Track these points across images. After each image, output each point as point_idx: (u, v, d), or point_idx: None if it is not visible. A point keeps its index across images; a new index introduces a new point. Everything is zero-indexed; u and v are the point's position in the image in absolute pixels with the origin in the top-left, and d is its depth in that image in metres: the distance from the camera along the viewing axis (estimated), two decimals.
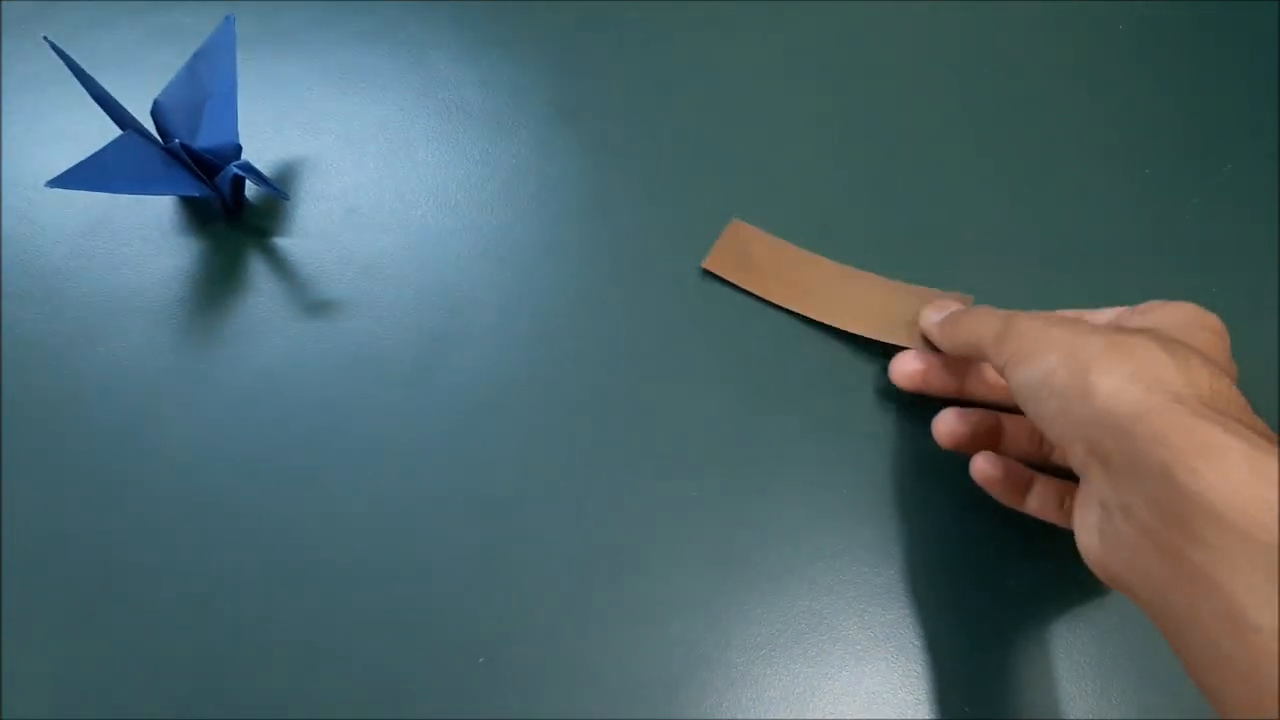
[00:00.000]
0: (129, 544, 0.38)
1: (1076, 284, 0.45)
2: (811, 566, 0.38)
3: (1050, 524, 0.37)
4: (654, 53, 0.52)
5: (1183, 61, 0.53)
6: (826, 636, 0.37)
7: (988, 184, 0.48)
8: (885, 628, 0.37)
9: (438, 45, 0.52)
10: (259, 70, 0.50)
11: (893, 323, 0.43)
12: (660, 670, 0.36)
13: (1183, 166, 0.49)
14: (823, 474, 0.40)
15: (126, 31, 0.52)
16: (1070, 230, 0.47)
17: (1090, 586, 0.38)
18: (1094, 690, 0.36)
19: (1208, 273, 0.46)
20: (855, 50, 0.53)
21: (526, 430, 0.41)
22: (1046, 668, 0.36)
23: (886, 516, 0.39)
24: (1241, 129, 0.51)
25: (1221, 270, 0.46)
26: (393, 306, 0.44)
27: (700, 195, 0.47)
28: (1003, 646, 0.37)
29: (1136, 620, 0.37)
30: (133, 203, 0.46)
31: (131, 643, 0.36)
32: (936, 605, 0.37)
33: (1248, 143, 0.50)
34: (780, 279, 0.44)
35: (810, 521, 0.39)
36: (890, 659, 0.36)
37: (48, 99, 0.50)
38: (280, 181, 0.47)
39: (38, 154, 0.48)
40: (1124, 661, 0.36)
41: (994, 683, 0.36)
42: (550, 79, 0.51)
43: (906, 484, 0.40)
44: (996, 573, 0.38)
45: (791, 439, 0.41)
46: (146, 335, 0.43)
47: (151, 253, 0.45)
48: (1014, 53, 0.53)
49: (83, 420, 0.41)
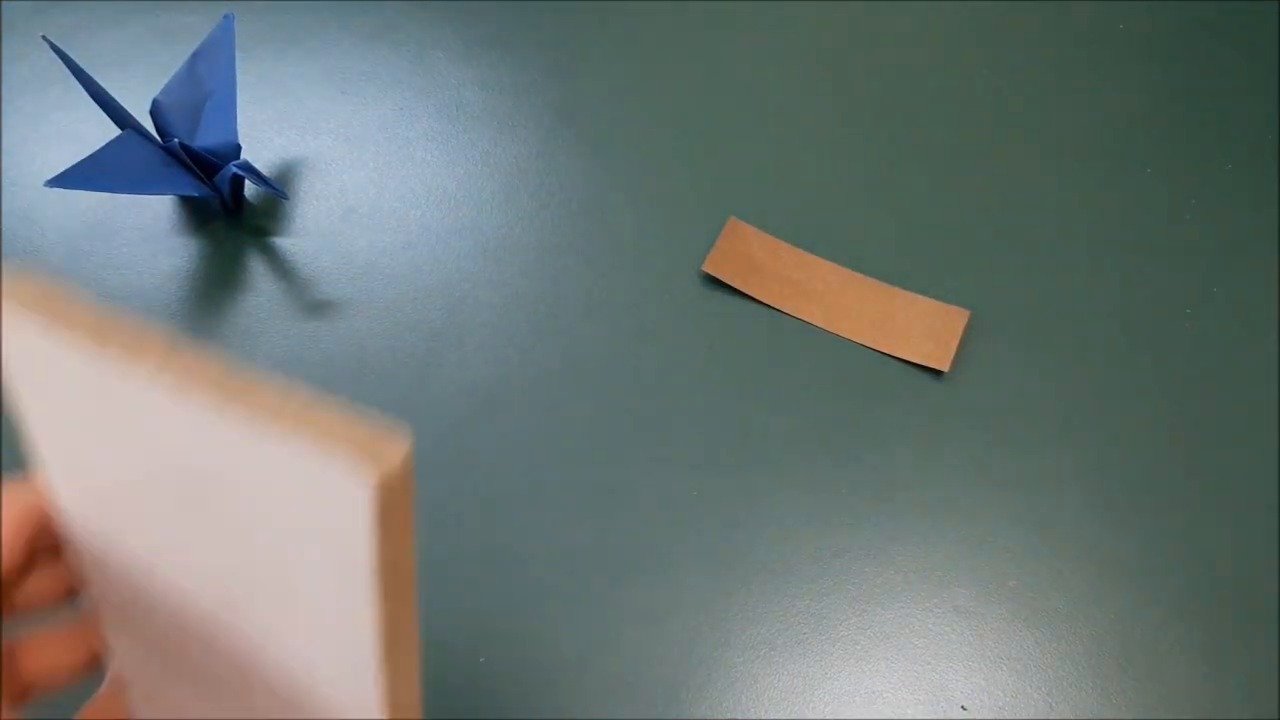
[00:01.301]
0: None
1: (1077, 283, 0.45)
2: (811, 566, 0.38)
3: (1051, 525, 0.37)
4: (654, 53, 0.52)
5: (1183, 61, 0.53)
6: (826, 636, 0.37)
7: (987, 184, 0.48)
8: (885, 627, 0.37)
9: (437, 46, 0.52)
10: (258, 70, 0.50)
11: (891, 334, 0.43)
12: (660, 670, 0.36)
13: (1183, 166, 0.49)
14: (823, 474, 0.40)
15: (126, 31, 0.52)
16: (1070, 230, 0.47)
17: (1090, 586, 0.38)
18: (1094, 691, 0.36)
19: (1208, 273, 0.46)
20: (855, 51, 0.53)
21: (525, 430, 0.41)
22: (1047, 667, 0.36)
23: (886, 517, 0.39)
24: (1241, 129, 0.51)
25: (1221, 270, 0.46)
26: (392, 306, 0.44)
27: (700, 195, 0.47)
28: (1002, 646, 0.37)
29: (1137, 620, 0.37)
30: (132, 202, 0.46)
31: None
32: (936, 605, 0.37)
33: (1248, 143, 0.50)
34: (780, 283, 0.44)
35: (810, 521, 0.39)
36: (890, 659, 0.36)
37: (47, 99, 0.50)
38: (280, 181, 0.47)
39: (38, 154, 0.48)
40: (1124, 661, 0.36)
41: (993, 683, 0.36)
42: (550, 79, 0.51)
43: (906, 484, 0.40)
44: (996, 573, 0.38)
45: (791, 439, 0.41)
46: None
47: (151, 252, 0.45)
48: (1014, 53, 0.53)
49: None
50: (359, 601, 0.17)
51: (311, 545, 0.17)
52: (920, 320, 0.43)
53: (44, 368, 0.18)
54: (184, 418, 0.16)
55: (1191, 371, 0.43)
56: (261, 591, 0.19)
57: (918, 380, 0.42)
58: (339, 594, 0.17)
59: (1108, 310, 0.44)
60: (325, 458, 0.15)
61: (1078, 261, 0.46)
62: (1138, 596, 0.37)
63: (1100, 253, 0.46)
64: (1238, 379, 0.43)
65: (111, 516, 0.20)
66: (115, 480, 0.19)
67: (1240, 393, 0.42)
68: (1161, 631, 0.37)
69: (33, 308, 0.17)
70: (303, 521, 0.16)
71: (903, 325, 0.43)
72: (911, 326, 0.43)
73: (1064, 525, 0.39)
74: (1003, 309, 0.44)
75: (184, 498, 0.18)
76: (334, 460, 0.15)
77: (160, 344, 0.17)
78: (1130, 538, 0.39)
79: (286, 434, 0.15)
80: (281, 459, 0.16)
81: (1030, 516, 0.39)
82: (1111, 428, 0.41)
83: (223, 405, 0.16)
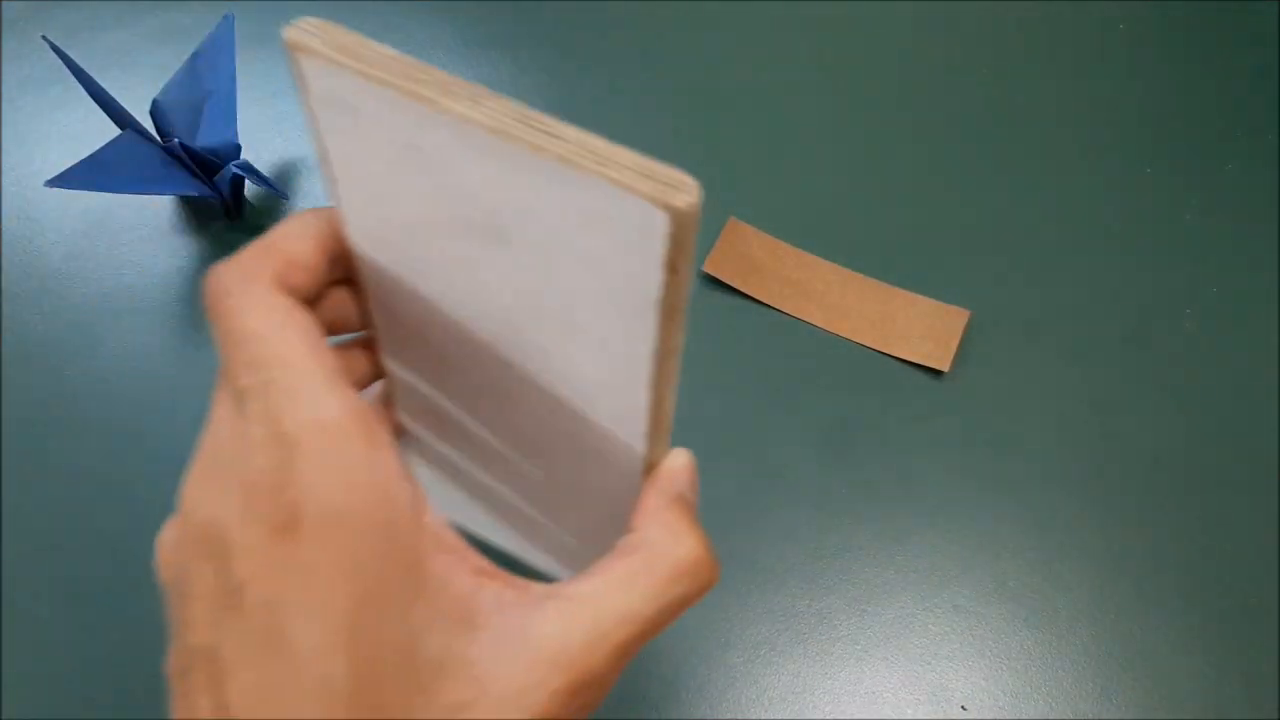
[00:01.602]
0: (127, 542, 0.38)
1: (1077, 284, 0.45)
2: (811, 566, 0.38)
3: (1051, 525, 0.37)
4: (654, 53, 0.52)
5: (1183, 61, 0.53)
6: (826, 636, 0.37)
7: (987, 184, 0.48)
8: (885, 627, 0.37)
9: (438, 45, 0.52)
10: (259, 70, 0.50)
11: (891, 334, 0.43)
12: (660, 670, 0.36)
13: (1183, 166, 0.49)
14: (823, 474, 0.40)
15: (126, 31, 0.52)
16: (1070, 230, 0.47)
17: (1090, 587, 0.38)
18: (1094, 691, 0.36)
19: (1208, 273, 0.46)
20: (855, 51, 0.53)
21: None
22: (1047, 668, 0.36)
23: (886, 516, 0.39)
24: (1241, 129, 0.51)
25: (1221, 270, 0.46)
26: None
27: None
28: (1003, 646, 0.36)
29: (1137, 620, 0.37)
30: (132, 202, 0.46)
31: (131, 643, 0.36)
32: (936, 605, 0.37)
33: (1248, 143, 0.50)
34: (780, 283, 0.44)
35: (810, 521, 0.39)
36: (890, 659, 0.36)
37: (48, 99, 0.50)
38: (280, 181, 0.47)
39: (38, 154, 0.48)
40: (1124, 661, 0.36)
41: (993, 683, 0.36)
42: (549, 79, 0.51)
43: (907, 484, 0.40)
44: (996, 573, 0.38)
45: (791, 439, 0.41)
46: (146, 335, 0.43)
47: (151, 253, 0.45)
48: (1014, 52, 0.53)
49: (83, 419, 0.41)
50: (642, 328, 0.19)
51: (605, 276, 0.18)
52: (920, 320, 0.43)
53: (347, 111, 0.19)
54: (490, 157, 0.17)
55: (1191, 371, 0.43)
56: (549, 318, 0.20)
57: (918, 380, 0.42)
58: (624, 320, 0.19)
59: (1107, 310, 0.44)
60: (627, 195, 0.16)
61: (1077, 261, 0.46)
62: (1138, 597, 0.37)
63: (1100, 253, 0.46)
64: (1238, 379, 0.43)
65: (403, 250, 0.22)
66: (410, 216, 0.21)
67: (1240, 393, 0.42)
68: (1161, 632, 0.37)
69: (339, 52, 0.19)
70: (599, 253, 0.18)
71: (902, 325, 0.43)
72: (911, 326, 0.43)
73: (1064, 525, 0.39)
74: (1003, 309, 0.44)
75: (478, 233, 0.19)
76: (635, 197, 0.16)
77: (468, 87, 0.18)
78: (1130, 538, 0.39)
79: (592, 173, 0.16)
80: (585, 197, 0.17)
81: (1030, 516, 0.39)
82: (1111, 427, 0.41)
83: (529, 145, 0.17)
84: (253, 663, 0.18)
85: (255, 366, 0.20)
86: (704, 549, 0.22)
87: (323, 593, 0.18)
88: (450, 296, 0.22)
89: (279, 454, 0.19)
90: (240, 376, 0.20)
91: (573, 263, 0.19)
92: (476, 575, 0.20)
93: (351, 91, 0.19)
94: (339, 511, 0.19)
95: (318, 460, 0.19)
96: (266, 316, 0.20)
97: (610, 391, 0.21)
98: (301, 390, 0.19)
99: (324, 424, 0.19)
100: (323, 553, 0.18)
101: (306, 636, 0.18)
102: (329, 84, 0.19)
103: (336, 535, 0.18)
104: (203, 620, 0.19)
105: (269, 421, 0.19)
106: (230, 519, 0.19)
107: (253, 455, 0.19)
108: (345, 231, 0.23)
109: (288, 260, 0.21)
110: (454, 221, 0.20)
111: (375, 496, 0.19)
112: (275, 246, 0.21)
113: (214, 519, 0.19)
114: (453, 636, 0.19)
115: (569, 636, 0.20)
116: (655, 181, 0.16)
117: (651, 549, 0.21)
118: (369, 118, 0.19)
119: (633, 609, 0.20)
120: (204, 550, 0.19)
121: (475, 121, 0.17)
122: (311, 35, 0.19)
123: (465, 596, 0.20)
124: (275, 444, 0.19)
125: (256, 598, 0.18)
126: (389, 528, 0.19)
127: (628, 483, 0.24)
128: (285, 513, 0.18)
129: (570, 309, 0.20)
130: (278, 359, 0.20)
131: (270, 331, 0.20)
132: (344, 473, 0.19)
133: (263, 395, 0.19)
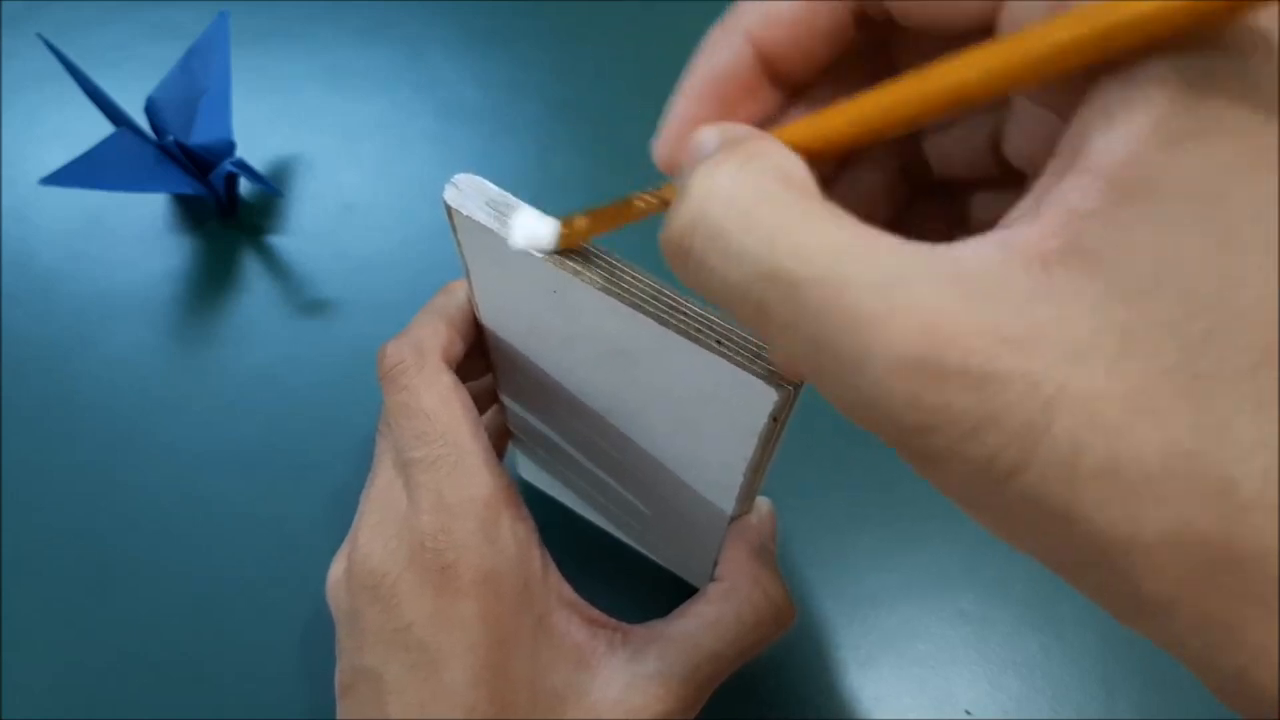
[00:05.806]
0: (124, 542, 0.38)
1: None
2: (812, 569, 0.38)
3: None
4: (655, 52, 0.52)
5: None
6: (829, 641, 0.36)
7: None
8: (888, 631, 0.37)
9: (435, 42, 0.52)
10: (254, 67, 0.50)
11: None
12: None
13: None
14: (823, 475, 0.40)
15: (121, 28, 0.51)
16: None
17: None
18: (1100, 695, 0.35)
19: None
20: None
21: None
22: (1052, 672, 0.36)
23: (889, 519, 0.39)
24: None
25: None
26: (389, 305, 0.43)
27: None
28: (1008, 651, 0.36)
29: None
30: (127, 200, 0.46)
31: (131, 642, 0.36)
32: (941, 609, 0.37)
33: None
34: None
35: (811, 524, 0.39)
36: (894, 663, 0.36)
37: (42, 96, 0.49)
38: (275, 179, 0.47)
39: (32, 152, 0.48)
40: (1130, 664, 0.36)
41: (998, 687, 0.35)
42: (549, 77, 0.51)
43: (908, 487, 0.39)
44: (1002, 577, 0.37)
45: (791, 440, 0.40)
46: (141, 335, 0.42)
47: (146, 251, 0.45)
48: None
49: (78, 419, 0.40)
50: (744, 448, 0.23)
51: (718, 409, 0.22)
52: None
53: (498, 256, 0.22)
54: (624, 318, 0.21)
55: None
56: (661, 414, 0.24)
57: None
58: (730, 439, 0.23)
59: None
60: (742, 372, 0.20)
61: None
62: None
63: None
64: None
65: (531, 338, 0.26)
66: (543, 325, 0.25)
67: None
68: None
69: (490, 208, 0.22)
70: (715, 395, 0.21)
71: None
72: None
73: None
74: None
75: (606, 351, 0.23)
76: (751, 375, 0.20)
77: (604, 260, 0.21)
78: None
79: (714, 352, 0.20)
80: (706, 364, 0.20)
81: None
82: None
83: (657, 319, 0.20)
84: (411, 687, 0.23)
85: (425, 440, 0.24)
86: (783, 597, 0.26)
87: (472, 638, 0.23)
88: (572, 375, 0.26)
89: (442, 520, 0.23)
90: (411, 447, 0.24)
91: (691, 392, 0.22)
92: (590, 624, 0.25)
93: (503, 245, 0.22)
94: (486, 573, 0.23)
95: (473, 528, 0.23)
96: (436, 394, 0.24)
97: (709, 471, 0.25)
98: (463, 468, 0.24)
99: (480, 499, 0.24)
100: (473, 606, 0.23)
101: (457, 672, 0.23)
102: (483, 239, 0.22)
103: (484, 592, 0.23)
104: (370, 648, 0.24)
105: (435, 493, 0.23)
106: (398, 570, 0.24)
107: (420, 519, 0.23)
108: (475, 311, 0.27)
109: (452, 336, 0.26)
110: (585, 340, 0.23)
111: (515, 562, 0.24)
112: (440, 324, 0.26)
113: (383, 569, 0.24)
114: (570, 673, 0.24)
115: (669, 672, 0.24)
116: (764, 362, 0.20)
117: (739, 597, 0.26)
118: (516, 263, 0.22)
119: (720, 650, 0.25)
120: (373, 595, 0.24)
121: (614, 295, 0.21)
122: (467, 197, 0.22)
123: (581, 643, 0.25)
124: (440, 512, 0.23)
125: (418, 638, 0.23)
126: (524, 588, 0.24)
127: (715, 524, 0.28)
128: (446, 571, 0.23)
129: (682, 416, 0.24)
130: (443, 437, 0.24)
131: (439, 409, 0.24)
132: (493, 541, 0.24)
133: (431, 469, 0.24)
